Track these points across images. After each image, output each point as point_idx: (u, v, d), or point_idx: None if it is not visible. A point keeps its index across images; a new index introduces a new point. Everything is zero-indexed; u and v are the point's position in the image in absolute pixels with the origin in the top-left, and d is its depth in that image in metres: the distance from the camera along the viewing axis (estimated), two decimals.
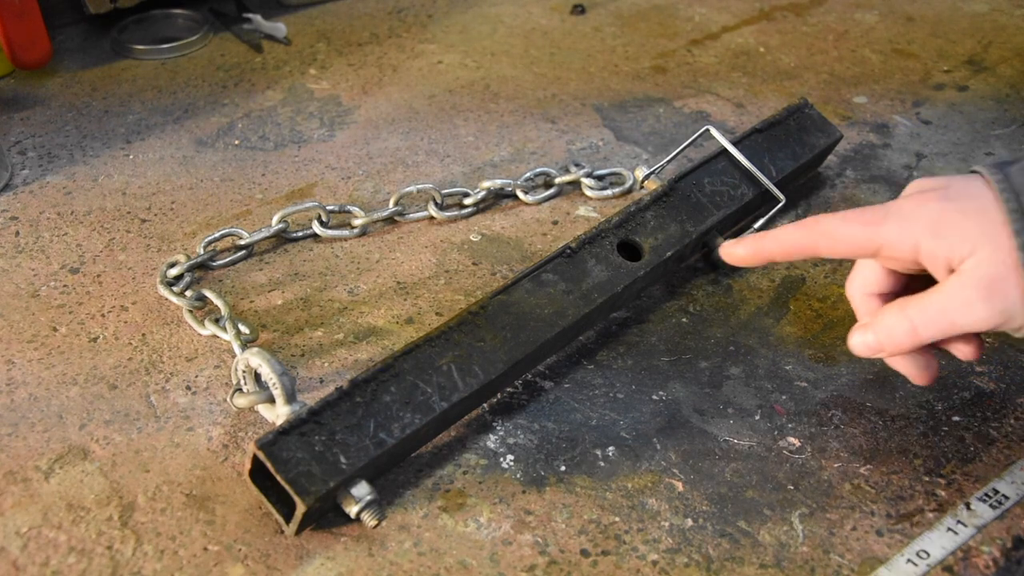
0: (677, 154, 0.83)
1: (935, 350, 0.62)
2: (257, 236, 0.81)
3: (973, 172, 0.58)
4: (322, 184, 0.91)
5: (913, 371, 0.62)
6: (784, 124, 0.84)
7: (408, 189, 0.86)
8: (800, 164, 0.83)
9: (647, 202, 0.77)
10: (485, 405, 0.69)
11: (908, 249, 0.56)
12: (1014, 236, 0.53)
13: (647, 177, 0.83)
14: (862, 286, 0.63)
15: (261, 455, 0.58)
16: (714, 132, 0.80)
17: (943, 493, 0.64)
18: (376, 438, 0.60)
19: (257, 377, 0.64)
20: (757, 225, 0.80)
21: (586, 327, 0.73)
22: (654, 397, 0.70)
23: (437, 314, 0.77)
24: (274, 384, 0.61)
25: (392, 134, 0.98)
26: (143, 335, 0.75)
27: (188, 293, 0.76)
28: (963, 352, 0.60)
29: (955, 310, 0.55)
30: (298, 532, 0.60)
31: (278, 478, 0.57)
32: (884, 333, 0.59)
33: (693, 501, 0.63)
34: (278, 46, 1.12)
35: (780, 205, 0.80)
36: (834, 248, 0.60)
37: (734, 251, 0.65)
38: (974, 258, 0.54)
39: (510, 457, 0.66)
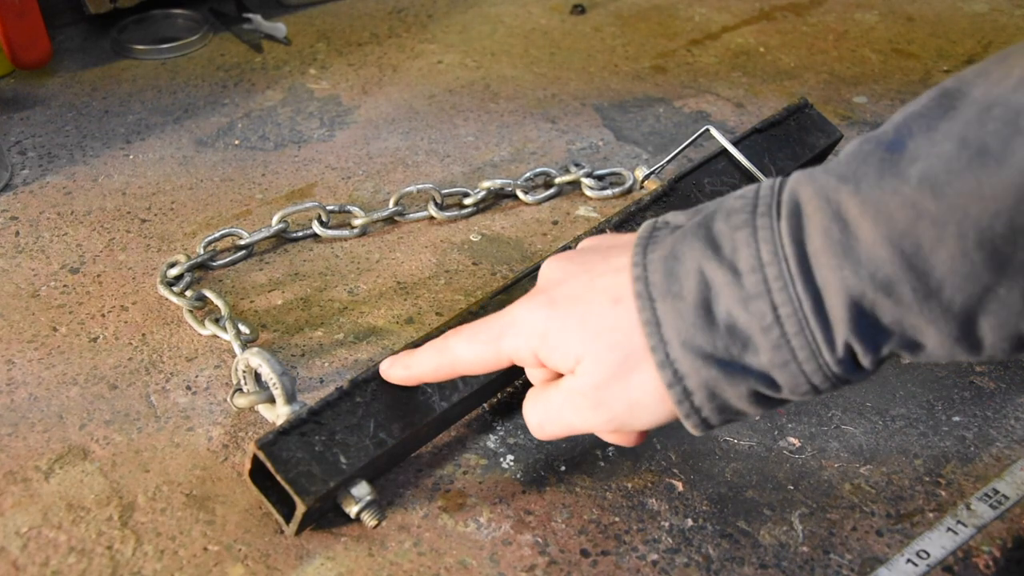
0: (677, 154, 0.83)
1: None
2: (257, 236, 0.81)
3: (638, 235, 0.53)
4: (322, 184, 0.91)
5: (615, 442, 0.57)
6: (784, 124, 0.84)
7: (408, 189, 0.86)
8: (800, 164, 0.83)
9: (647, 202, 0.77)
10: (485, 405, 0.69)
11: (531, 357, 0.54)
12: (649, 349, 0.49)
13: (647, 177, 0.83)
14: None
15: (261, 455, 0.58)
16: (714, 132, 0.80)
17: (943, 493, 0.64)
18: (376, 438, 0.60)
19: (257, 377, 0.64)
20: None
21: None
22: None
23: (437, 314, 0.77)
24: (274, 384, 0.61)
25: (392, 134, 0.98)
26: (143, 335, 0.75)
27: (188, 293, 0.76)
28: (622, 442, 0.56)
29: (570, 414, 0.54)
30: (298, 532, 0.60)
31: (278, 478, 0.57)
32: (528, 422, 0.57)
33: (693, 501, 0.63)
34: (278, 46, 1.12)
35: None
36: (469, 368, 0.57)
37: (389, 372, 0.61)
38: (581, 366, 0.51)
39: (510, 457, 0.66)
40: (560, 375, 0.54)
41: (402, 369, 0.60)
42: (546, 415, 0.55)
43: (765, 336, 0.47)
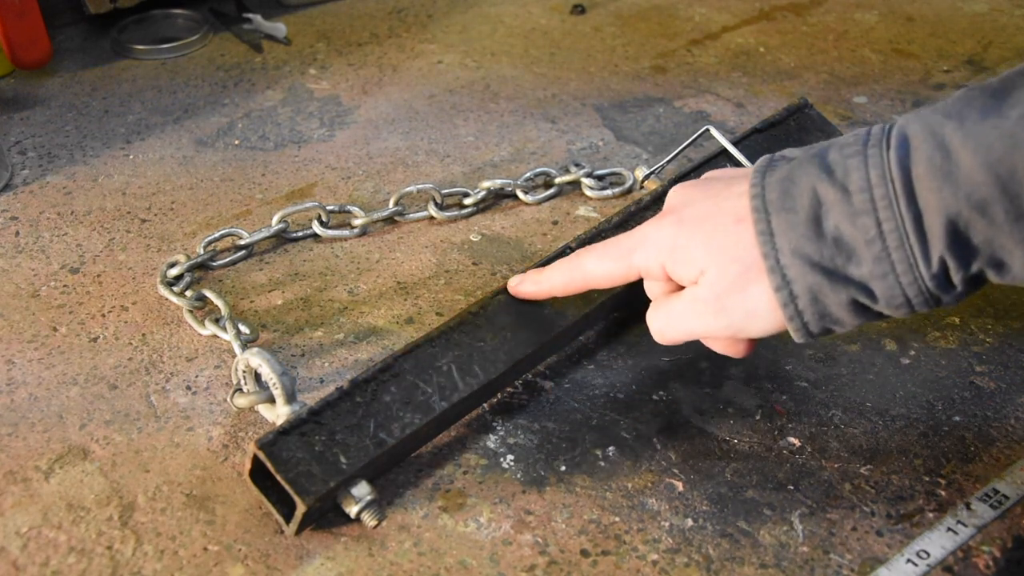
0: (677, 154, 0.83)
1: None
2: (257, 236, 0.82)
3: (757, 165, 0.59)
4: (322, 184, 0.91)
5: (722, 351, 0.63)
6: (784, 124, 0.84)
7: (408, 189, 0.86)
8: None
9: (647, 202, 0.77)
10: (485, 405, 0.69)
11: (658, 271, 0.60)
12: (762, 255, 0.55)
13: (647, 177, 0.83)
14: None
15: (261, 455, 0.58)
16: (714, 132, 0.80)
17: (943, 493, 0.64)
18: (376, 438, 0.60)
19: (257, 377, 0.64)
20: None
21: (586, 327, 0.73)
22: (654, 397, 0.70)
23: (437, 314, 0.77)
24: (274, 384, 0.61)
25: (392, 134, 0.98)
26: (143, 335, 0.75)
27: (188, 293, 0.76)
28: (731, 352, 0.62)
29: (692, 320, 0.59)
30: (298, 532, 0.60)
31: (278, 478, 0.57)
32: (651, 327, 0.63)
33: (693, 501, 0.63)
34: (278, 46, 1.12)
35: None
36: (599, 282, 0.63)
37: (518, 289, 0.67)
38: (704, 277, 0.57)
39: (510, 457, 0.66)
40: (681, 287, 0.60)
41: (532, 285, 0.67)
42: (668, 321, 0.61)
43: (868, 248, 0.52)
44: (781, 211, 0.55)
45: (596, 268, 0.63)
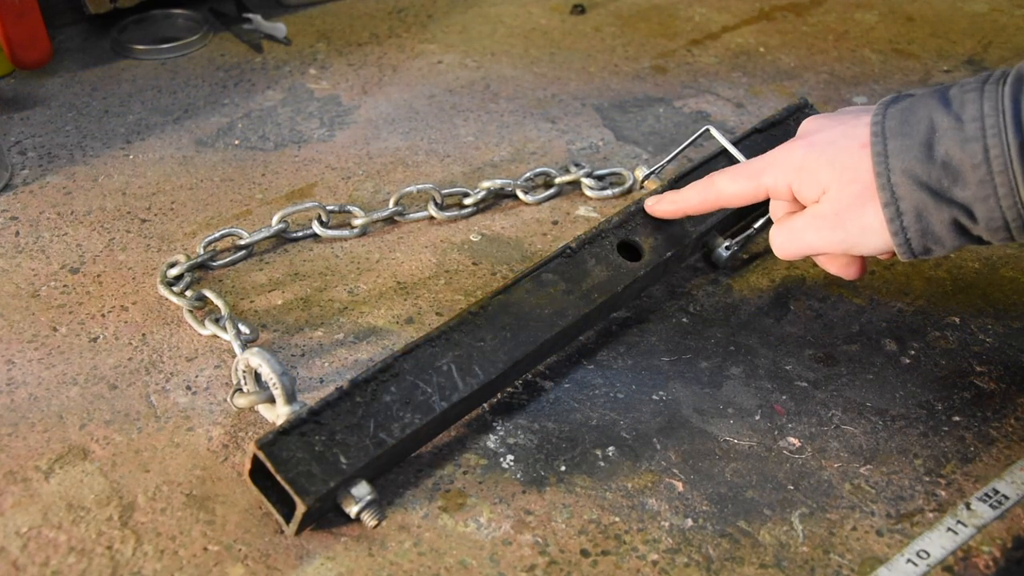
0: (677, 154, 0.83)
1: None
2: (257, 236, 0.81)
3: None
4: (322, 184, 0.91)
5: (836, 272, 0.69)
6: (784, 124, 0.84)
7: (408, 189, 0.86)
8: None
9: None
10: (485, 405, 0.69)
11: (784, 191, 0.66)
12: (874, 174, 0.61)
13: (647, 177, 0.83)
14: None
15: (261, 455, 0.58)
16: (714, 132, 0.80)
17: (943, 493, 0.64)
18: (376, 438, 0.60)
19: (257, 377, 0.64)
20: (758, 224, 0.79)
21: (586, 327, 0.73)
22: (654, 397, 0.70)
23: (437, 314, 0.77)
24: (274, 384, 0.61)
25: (392, 134, 0.98)
26: (143, 335, 0.75)
27: (188, 293, 0.76)
28: (844, 272, 0.69)
29: (812, 235, 0.64)
30: (298, 532, 0.60)
31: (278, 478, 0.57)
32: (773, 244, 0.68)
33: (693, 501, 0.63)
34: (278, 46, 1.12)
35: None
36: (731, 201, 0.70)
37: (656, 208, 0.75)
38: (826, 195, 0.63)
39: (510, 457, 0.66)
40: (803, 208, 0.66)
41: (669, 204, 0.74)
42: (790, 236, 0.66)
43: (974, 172, 0.57)
44: (898, 136, 0.60)
45: (728, 187, 0.69)
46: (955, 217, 0.59)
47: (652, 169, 0.84)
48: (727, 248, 0.79)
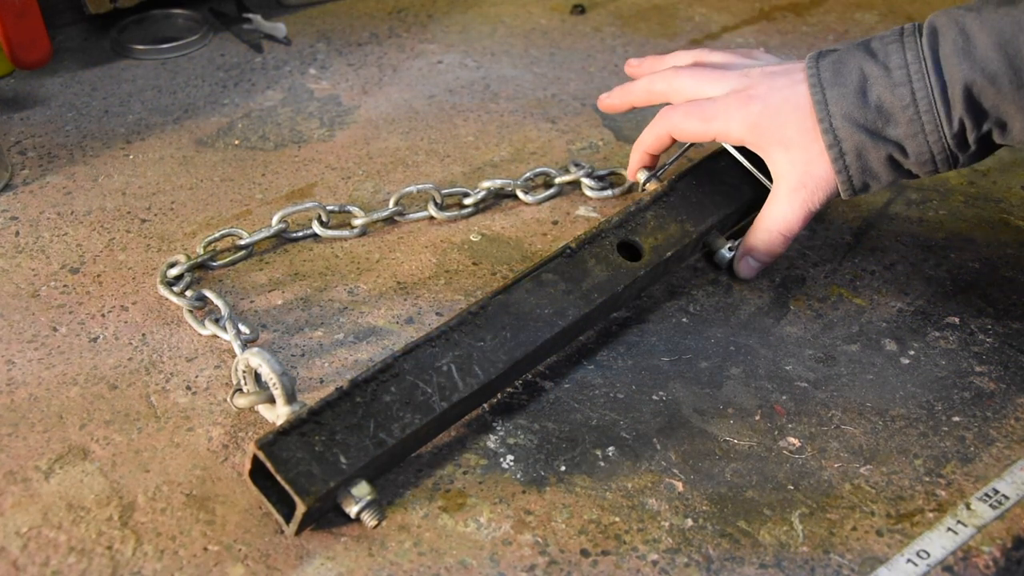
0: (680, 155, 0.83)
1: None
2: (257, 236, 0.82)
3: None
4: (322, 184, 0.91)
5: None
6: None
7: (408, 189, 0.86)
8: None
9: (647, 202, 0.77)
10: (485, 405, 0.69)
11: (736, 140, 0.74)
12: (816, 120, 0.69)
13: (649, 179, 0.83)
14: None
15: (261, 455, 0.58)
16: None
17: (943, 493, 0.64)
18: (376, 438, 0.60)
19: (257, 377, 0.64)
20: None
21: (586, 327, 0.73)
22: (654, 397, 0.70)
23: (437, 314, 0.77)
24: (274, 384, 0.61)
25: (392, 134, 0.98)
26: (143, 335, 0.75)
27: (188, 293, 0.76)
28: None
29: (783, 206, 0.74)
30: (298, 532, 0.60)
31: (278, 478, 0.57)
32: (763, 250, 0.77)
33: (693, 501, 0.63)
34: (278, 46, 1.12)
35: (750, 229, 0.79)
36: (681, 137, 0.78)
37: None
38: (787, 157, 0.72)
39: (510, 457, 0.66)
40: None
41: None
42: (783, 222, 0.75)
43: (903, 113, 0.67)
44: (833, 85, 0.69)
45: (681, 123, 0.77)
46: (890, 153, 0.68)
47: (654, 172, 0.84)
48: (730, 249, 0.79)
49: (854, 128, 0.68)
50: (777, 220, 0.74)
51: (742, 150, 0.79)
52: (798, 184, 0.72)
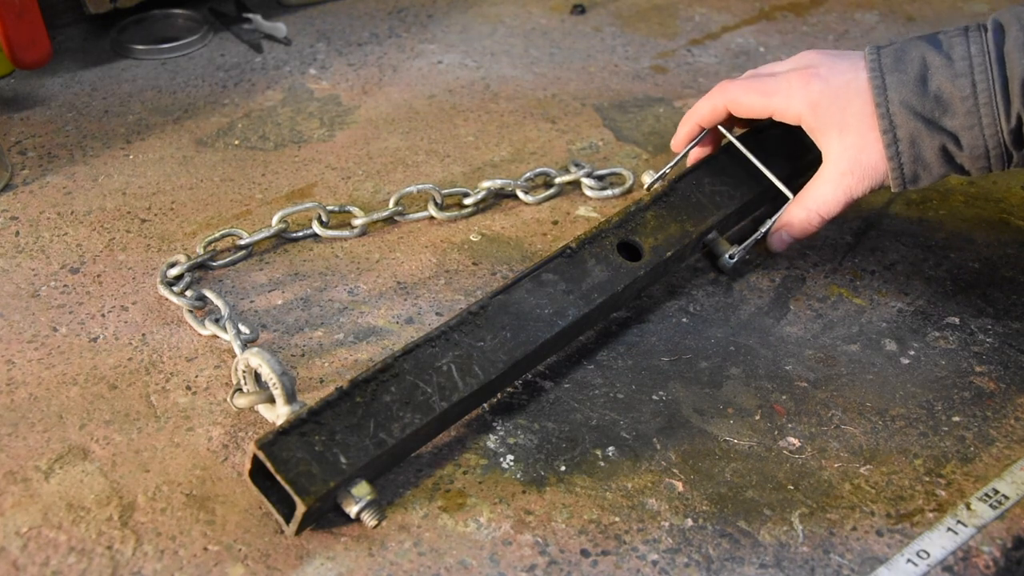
0: (683, 156, 0.83)
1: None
2: (257, 236, 0.82)
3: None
4: (322, 184, 0.91)
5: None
6: (784, 124, 0.84)
7: (408, 189, 0.86)
8: (799, 164, 0.83)
9: (647, 202, 0.77)
10: (485, 405, 0.69)
11: (793, 118, 0.73)
12: (874, 104, 0.69)
13: (654, 182, 0.82)
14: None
15: (261, 455, 0.58)
16: (722, 129, 0.80)
17: (943, 493, 0.64)
18: (376, 438, 0.60)
19: (257, 377, 0.64)
20: (765, 227, 0.78)
21: (586, 327, 0.73)
22: (654, 397, 0.70)
23: (437, 314, 0.77)
24: (274, 384, 0.61)
25: (392, 134, 0.98)
26: (143, 335, 0.75)
27: (188, 293, 0.76)
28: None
29: (841, 191, 0.72)
30: (298, 532, 0.60)
31: (278, 478, 0.57)
32: (798, 228, 0.76)
33: (693, 501, 0.63)
34: (278, 46, 1.12)
35: (790, 203, 0.79)
36: (739, 111, 0.76)
37: (674, 141, 0.82)
38: (840, 142, 0.71)
39: (510, 457, 0.66)
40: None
41: (684, 124, 0.81)
42: (822, 202, 0.74)
43: (962, 103, 0.67)
44: (893, 71, 0.69)
45: (740, 97, 0.76)
46: (944, 144, 0.68)
47: (659, 174, 0.83)
48: (731, 256, 0.78)
49: (911, 115, 0.68)
50: (818, 201, 0.74)
51: (749, 146, 0.78)
52: (847, 169, 0.71)
